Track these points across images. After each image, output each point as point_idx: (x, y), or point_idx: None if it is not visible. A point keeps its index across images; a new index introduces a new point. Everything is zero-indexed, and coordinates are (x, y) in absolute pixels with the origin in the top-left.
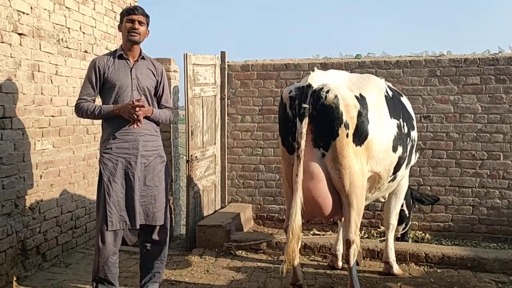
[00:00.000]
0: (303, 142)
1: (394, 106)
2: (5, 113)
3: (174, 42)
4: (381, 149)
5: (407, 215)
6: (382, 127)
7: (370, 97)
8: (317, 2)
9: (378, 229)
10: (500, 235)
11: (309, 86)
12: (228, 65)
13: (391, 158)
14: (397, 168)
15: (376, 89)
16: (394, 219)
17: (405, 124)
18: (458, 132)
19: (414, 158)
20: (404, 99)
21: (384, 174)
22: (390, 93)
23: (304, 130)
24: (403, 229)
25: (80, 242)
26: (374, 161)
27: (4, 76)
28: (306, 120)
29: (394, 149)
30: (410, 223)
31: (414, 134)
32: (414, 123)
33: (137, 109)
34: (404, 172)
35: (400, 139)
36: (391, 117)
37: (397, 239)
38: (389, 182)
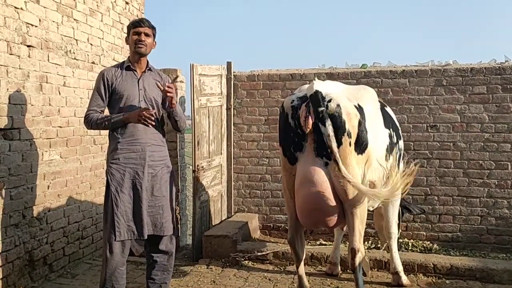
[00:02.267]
0: (334, 145)
1: (384, 116)
2: (13, 124)
3: (180, 52)
4: (377, 158)
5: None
6: (378, 136)
7: (367, 107)
8: (323, 12)
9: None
10: (509, 245)
11: (318, 91)
12: (234, 75)
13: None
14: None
15: (372, 99)
16: (394, 228)
17: (394, 134)
18: (465, 142)
19: (401, 167)
20: (389, 109)
21: (378, 182)
22: (379, 104)
23: (330, 132)
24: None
25: (87, 253)
26: (370, 169)
27: (13, 87)
28: (329, 122)
29: (387, 158)
30: (399, 231)
31: (401, 143)
32: (400, 132)
33: (146, 113)
34: None
35: (391, 149)
36: (384, 127)
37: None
38: None
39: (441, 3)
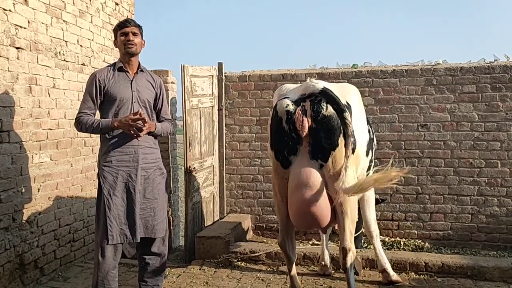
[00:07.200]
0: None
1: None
2: (2, 126)
3: (171, 54)
4: (361, 154)
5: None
6: (362, 133)
7: (354, 105)
8: (313, 13)
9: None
10: (500, 243)
11: (326, 89)
12: (225, 76)
13: (364, 163)
14: (368, 172)
15: (357, 96)
16: (374, 226)
17: (370, 129)
18: (455, 141)
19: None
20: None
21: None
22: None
23: (350, 119)
24: (355, 232)
25: (79, 256)
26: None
27: (2, 89)
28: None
29: (367, 154)
30: (362, 226)
31: (375, 138)
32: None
33: (138, 122)
34: None
35: (370, 144)
36: (366, 124)
37: None
38: None
39: (431, 3)
